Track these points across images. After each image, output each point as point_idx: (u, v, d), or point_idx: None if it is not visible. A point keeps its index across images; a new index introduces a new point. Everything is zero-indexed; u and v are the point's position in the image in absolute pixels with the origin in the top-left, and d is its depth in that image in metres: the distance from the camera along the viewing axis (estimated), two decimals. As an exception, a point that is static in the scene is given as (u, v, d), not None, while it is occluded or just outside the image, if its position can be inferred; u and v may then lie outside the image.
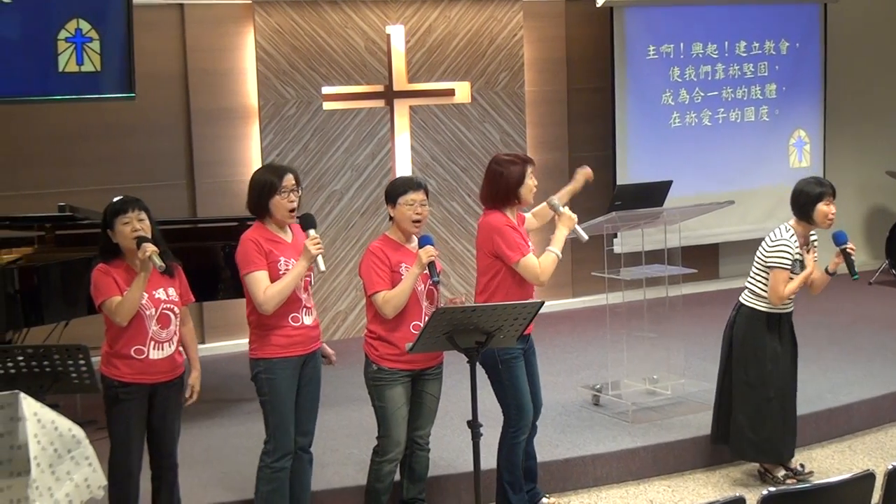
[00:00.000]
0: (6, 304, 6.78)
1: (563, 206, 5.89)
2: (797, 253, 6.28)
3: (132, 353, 5.18)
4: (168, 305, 5.29)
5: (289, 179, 5.44)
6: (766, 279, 6.32)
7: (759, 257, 6.39)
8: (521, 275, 5.76)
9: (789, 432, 6.56)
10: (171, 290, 5.34)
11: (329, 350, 5.75)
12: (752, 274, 6.44)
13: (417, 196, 5.57)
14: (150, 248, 5.09)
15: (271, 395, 5.43)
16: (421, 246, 5.46)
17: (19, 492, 4.31)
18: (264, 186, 5.44)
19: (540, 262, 5.75)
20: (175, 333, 5.34)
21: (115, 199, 5.31)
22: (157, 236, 5.28)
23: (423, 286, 5.56)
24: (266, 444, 5.52)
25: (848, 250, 6.30)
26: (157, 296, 5.25)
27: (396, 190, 5.61)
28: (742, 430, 6.51)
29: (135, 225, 5.18)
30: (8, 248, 7.68)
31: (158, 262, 5.12)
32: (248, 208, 5.55)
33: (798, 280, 6.26)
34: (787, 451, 6.58)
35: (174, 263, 5.43)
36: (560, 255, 5.78)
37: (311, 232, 5.39)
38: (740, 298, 6.52)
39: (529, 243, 5.86)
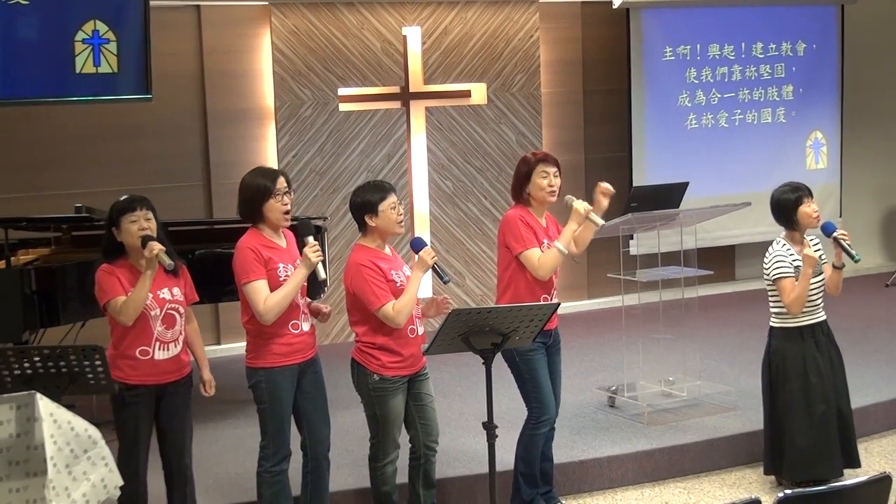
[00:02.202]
0: (23, 304, 6.80)
1: (577, 201, 5.86)
2: (794, 260, 6.23)
3: (137, 353, 5.18)
4: (173, 305, 5.28)
5: (281, 182, 5.35)
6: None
7: (765, 279, 6.37)
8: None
9: (843, 447, 6.37)
10: (176, 290, 5.33)
11: (321, 307, 5.66)
12: (768, 296, 6.41)
13: (394, 199, 5.50)
14: (156, 247, 5.08)
15: (271, 403, 5.40)
16: (416, 249, 5.41)
17: (36, 492, 4.31)
18: (258, 191, 5.34)
19: (540, 256, 5.76)
20: (181, 333, 5.33)
21: (122, 198, 5.29)
22: (163, 236, 5.26)
23: None
24: (263, 450, 5.50)
25: (838, 237, 6.21)
26: (161, 296, 5.24)
27: (374, 198, 5.46)
28: (794, 448, 6.32)
29: (142, 224, 5.17)
30: (25, 249, 7.71)
31: (167, 260, 5.10)
32: (240, 214, 5.46)
33: (803, 279, 6.13)
34: (836, 467, 6.35)
35: (179, 262, 5.40)
36: (564, 251, 5.78)
37: (310, 239, 5.31)
38: (769, 324, 6.44)
39: (545, 241, 5.84)
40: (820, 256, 6.30)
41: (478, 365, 5.20)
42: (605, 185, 6.15)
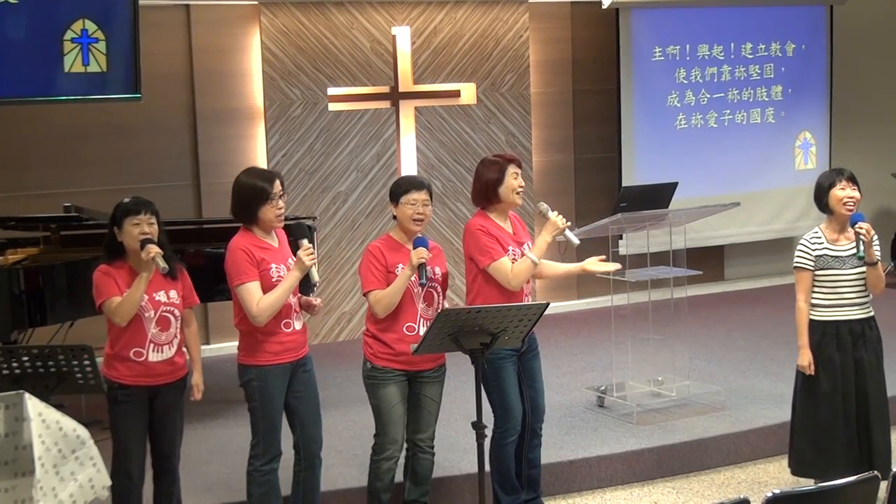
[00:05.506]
0: (11, 304, 6.79)
1: (552, 213, 5.81)
2: (816, 249, 6.06)
3: (131, 355, 5.19)
4: (168, 308, 5.29)
5: (277, 186, 5.35)
6: (814, 288, 6.08)
7: None
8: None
9: (840, 451, 5.96)
10: (173, 293, 5.33)
11: (311, 300, 5.63)
12: None
13: (420, 196, 5.55)
14: (153, 250, 5.11)
15: (262, 401, 5.40)
16: (415, 247, 5.44)
17: (24, 492, 4.31)
18: (254, 192, 5.33)
19: (513, 267, 5.70)
20: (176, 336, 5.33)
21: (128, 199, 5.30)
22: (163, 240, 5.27)
23: (419, 288, 5.52)
24: (254, 448, 5.50)
25: (857, 229, 6.06)
26: (157, 298, 5.25)
27: (399, 189, 5.59)
28: (793, 445, 6.13)
29: (144, 228, 5.19)
30: (14, 249, 7.69)
31: (162, 263, 5.13)
32: (233, 214, 5.44)
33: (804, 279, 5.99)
34: (838, 473, 5.73)
35: (178, 265, 5.43)
36: (537, 262, 5.73)
37: (304, 242, 5.31)
38: None
39: (511, 247, 5.76)
40: (856, 253, 6.08)
41: (467, 364, 5.20)
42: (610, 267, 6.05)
